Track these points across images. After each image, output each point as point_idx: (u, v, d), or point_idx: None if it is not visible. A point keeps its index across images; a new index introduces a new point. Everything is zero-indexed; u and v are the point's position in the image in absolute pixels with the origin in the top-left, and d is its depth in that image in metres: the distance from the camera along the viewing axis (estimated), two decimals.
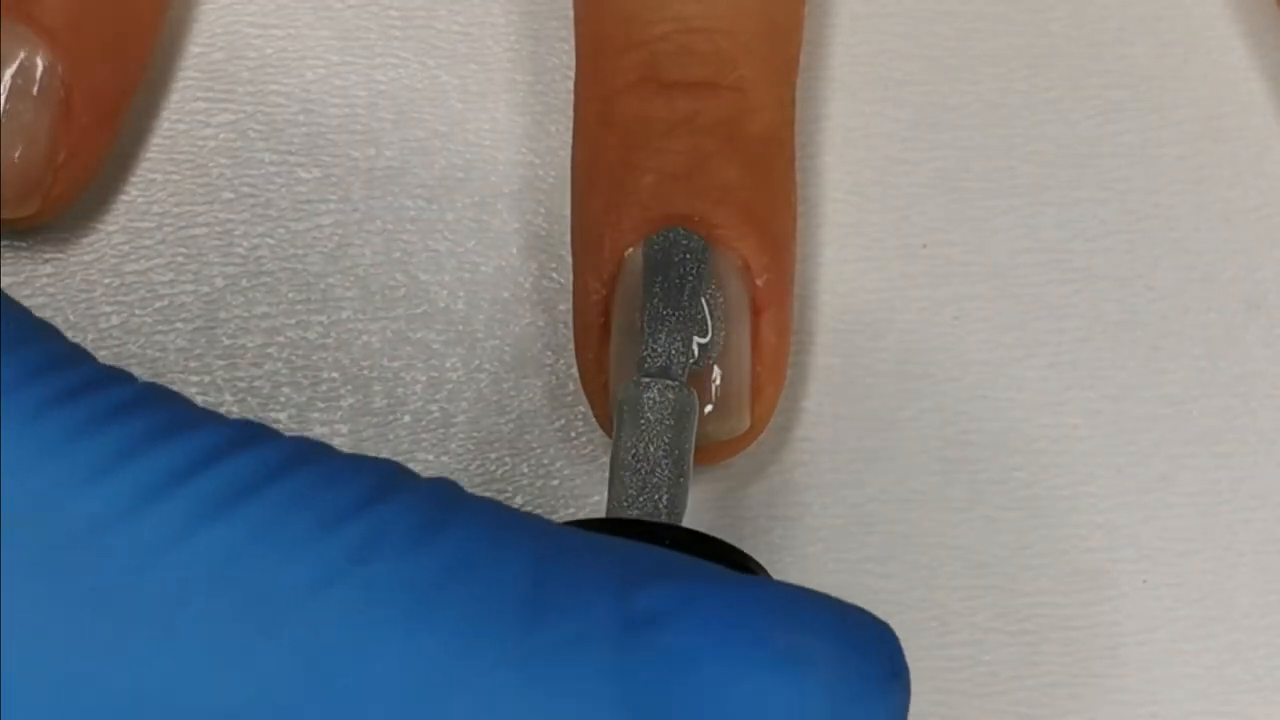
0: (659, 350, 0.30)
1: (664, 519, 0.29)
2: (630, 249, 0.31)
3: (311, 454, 0.23)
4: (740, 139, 0.32)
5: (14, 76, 0.32)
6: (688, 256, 0.31)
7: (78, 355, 0.24)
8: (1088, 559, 0.33)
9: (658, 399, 0.29)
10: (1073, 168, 0.35)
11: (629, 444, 0.29)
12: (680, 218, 0.31)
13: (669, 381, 0.30)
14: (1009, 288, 0.35)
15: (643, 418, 0.29)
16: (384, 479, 0.23)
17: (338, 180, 0.35)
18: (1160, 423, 0.34)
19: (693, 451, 0.30)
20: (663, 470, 0.29)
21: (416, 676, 0.22)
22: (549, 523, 0.24)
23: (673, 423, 0.29)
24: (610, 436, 0.32)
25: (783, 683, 0.22)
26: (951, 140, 0.35)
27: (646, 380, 0.30)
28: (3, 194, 0.32)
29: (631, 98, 0.32)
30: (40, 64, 0.32)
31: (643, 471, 0.29)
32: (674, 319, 0.30)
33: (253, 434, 0.23)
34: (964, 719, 0.33)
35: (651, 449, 0.29)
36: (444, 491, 0.24)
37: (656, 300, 0.31)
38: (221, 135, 0.35)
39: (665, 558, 0.24)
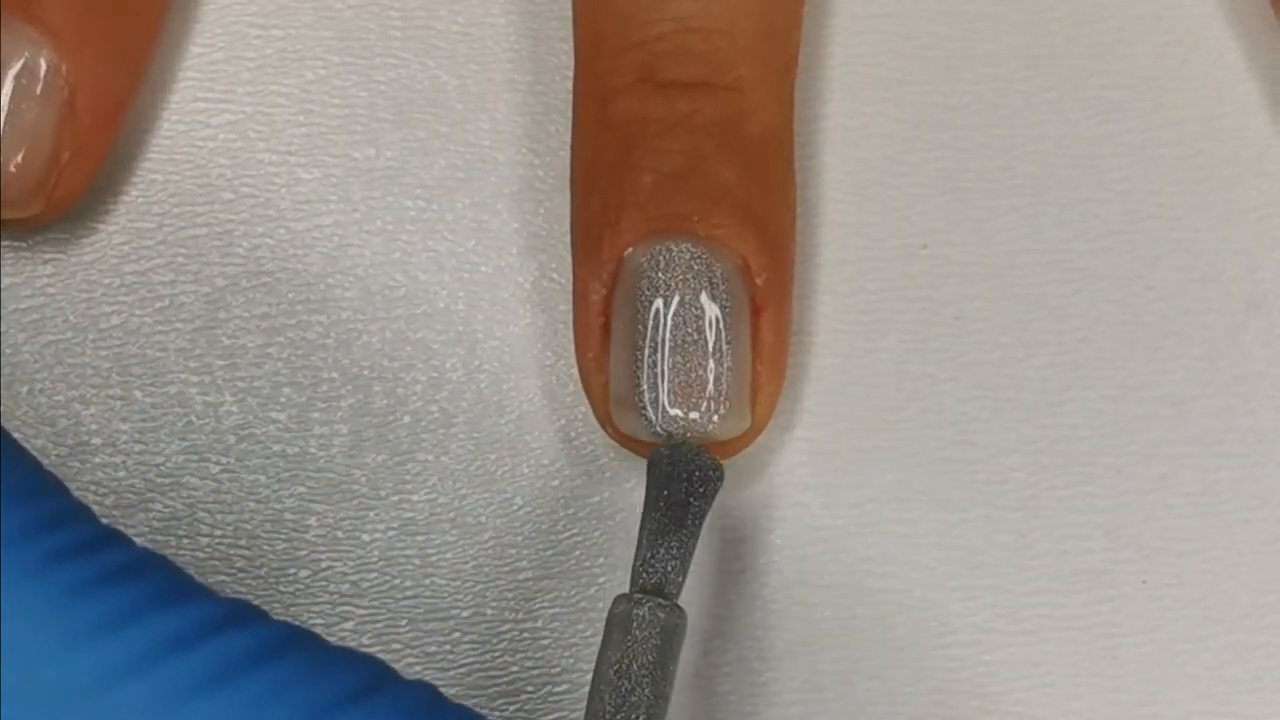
0: (655, 568, 0.30)
1: None
2: (630, 249, 0.31)
3: (300, 641, 0.24)
4: (738, 139, 0.32)
5: (18, 77, 0.32)
6: (697, 475, 0.30)
7: (82, 513, 0.24)
8: (1088, 559, 0.33)
9: (647, 617, 0.29)
10: (1073, 168, 0.35)
11: (613, 658, 0.29)
12: (678, 217, 0.31)
13: (661, 601, 0.29)
14: (1009, 288, 0.35)
15: (630, 634, 0.29)
16: (370, 677, 0.24)
17: (338, 181, 0.35)
18: (1160, 423, 0.34)
19: (676, 672, 0.29)
20: (643, 690, 0.29)
21: None
22: None
23: (659, 643, 0.29)
24: (610, 436, 0.32)
25: None
26: (951, 140, 0.35)
27: (639, 596, 0.29)
28: (7, 195, 0.32)
29: (629, 98, 0.32)
30: (44, 64, 0.32)
31: (623, 690, 0.29)
32: (674, 538, 0.30)
33: (244, 613, 0.23)
34: (964, 719, 0.33)
35: (635, 667, 0.29)
36: (427, 697, 0.24)
37: (660, 515, 0.30)
38: (221, 135, 0.35)
39: None
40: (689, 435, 0.31)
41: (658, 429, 0.31)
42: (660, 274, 0.31)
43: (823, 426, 0.34)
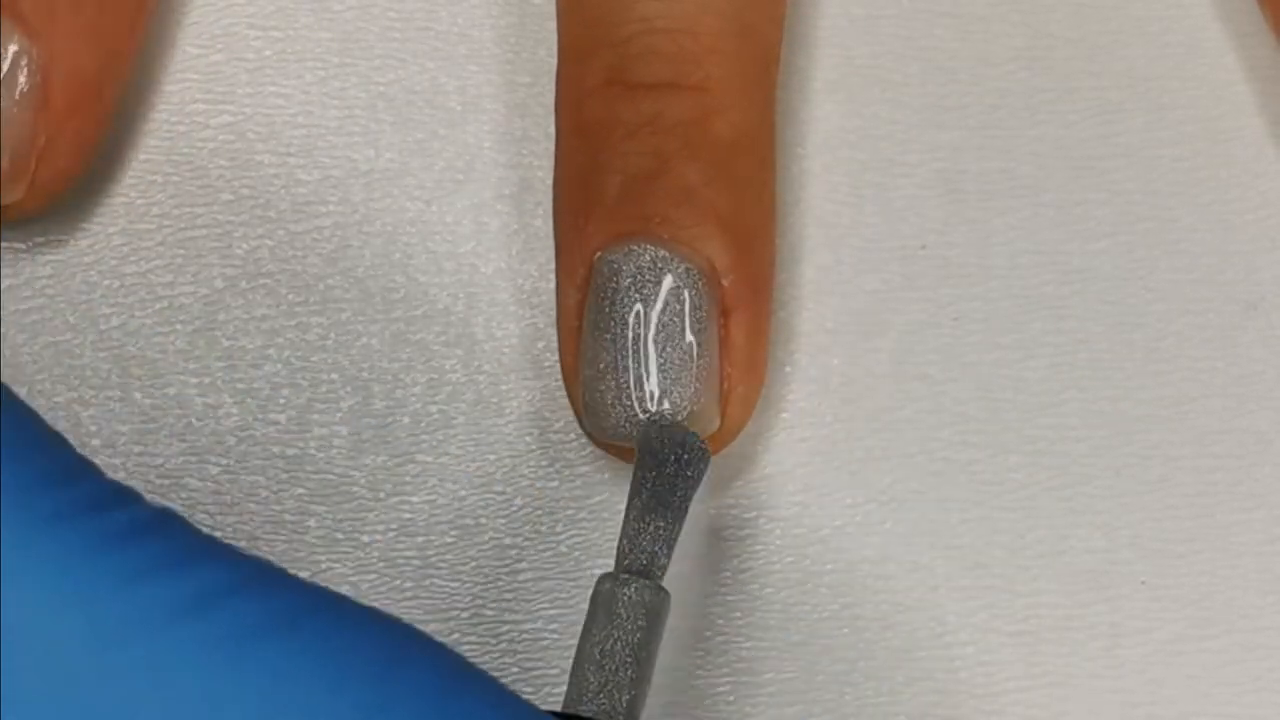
0: (642, 548, 0.30)
1: None
2: (599, 253, 0.31)
3: (325, 604, 0.23)
4: (705, 139, 0.32)
5: None
6: (685, 456, 0.30)
7: (89, 468, 0.23)
8: (1087, 559, 0.33)
9: (633, 598, 0.29)
10: (1071, 169, 0.35)
11: (597, 638, 0.29)
12: (642, 219, 0.31)
13: (646, 582, 0.29)
14: (1008, 289, 0.35)
15: (615, 614, 0.29)
16: (400, 637, 0.23)
17: (337, 182, 0.35)
18: (1158, 424, 0.34)
19: (658, 653, 0.29)
20: (627, 670, 0.29)
21: None
22: (540, 713, 0.24)
23: (644, 623, 0.29)
24: (590, 442, 0.32)
25: None
26: (950, 141, 0.35)
27: (625, 577, 0.29)
28: None
29: (599, 100, 0.32)
30: (14, 49, 0.32)
31: (607, 669, 0.29)
32: (661, 519, 0.30)
33: (267, 573, 0.23)
34: (964, 719, 0.33)
35: (619, 647, 0.29)
36: (454, 665, 0.24)
37: (647, 495, 0.30)
38: (221, 137, 0.35)
39: None
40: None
41: (627, 432, 0.31)
42: (624, 277, 0.31)
43: (822, 426, 0.34)
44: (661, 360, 0.31)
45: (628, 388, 0.31)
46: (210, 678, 0.22)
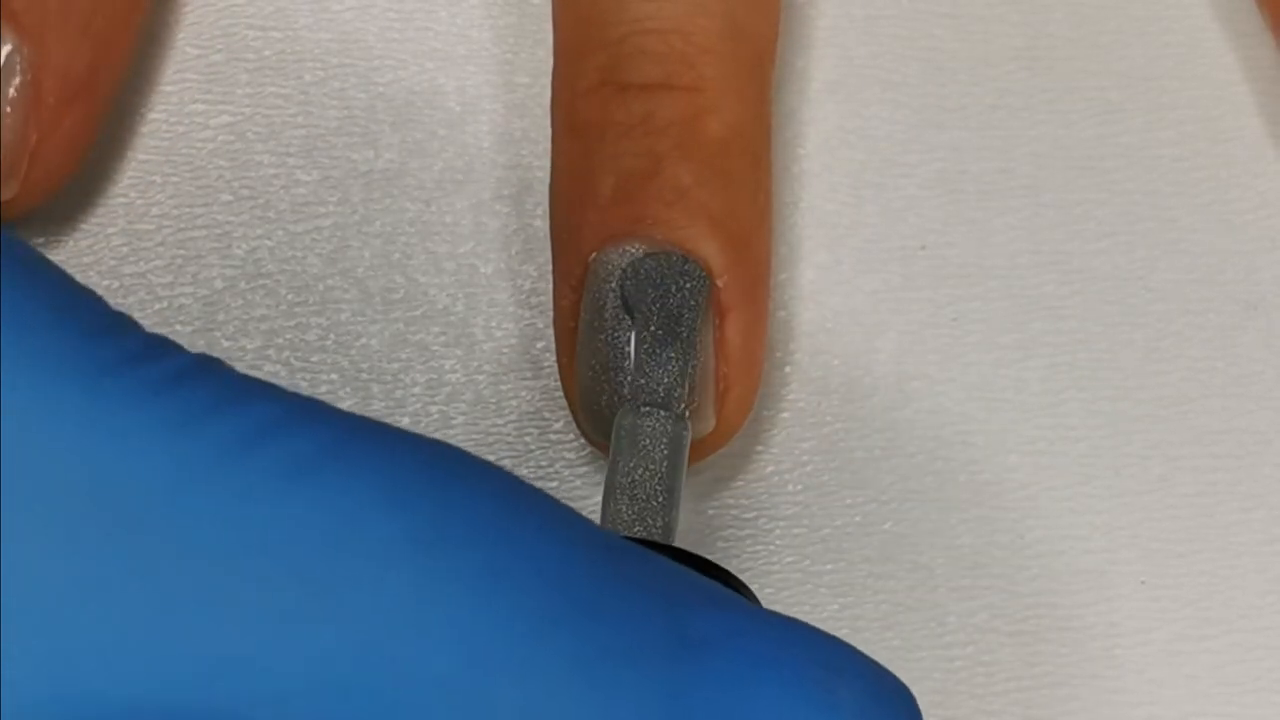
0: (658, 379, 0.30)
1: (660, 541, 0.29)
2: (594, 254, 0.31)
3: (374, 431, 0.23)
4: (697, 139, 0.32)
5: None
6: (686, 284, 0.31)
7: (128, 321, 0.24)
8: (1086, 559, 0.33)
9: (656, 429, 0.30)
10: (1071, 169, 0.35)
11: (625, 469, 0.29)
12: (635, 220, 0.31)
13: (665, 413, 0.30)
14: (1007, 289, 0.35)
15: (640, 445, 0.30)
16: (452, 460, 0.23)
17: (336, 182, 0.35)
18: (1158, 423, 0.34)
19: (684, 479, 0.30)
20: (658, 496, 0.29)
21: (475, 658, 0.22)
22: (596, 526, 0.24)
23: (668, 452, 0.30)
24: (588, 442, 0.32)
25: (816, 718, 0.23)
26: (950, 141, 0.35)
27: (646, 409, 0.30)
28: None
29: (592, 101, 0.32)
30: (6, 48, 0.32)
31: (640, 498, 0.29)
32: (671, 349, 0.30)
33: (315, 408, 0.23)
34: (964, 719, 0.33)
35: (647, 475, 0.29)
36: (508, 482, 0.24)
37: (655, 327, 0.30)
38: (220, 137, 0.35)
39: (707, 586, 0.24)
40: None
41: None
42: (617, 279, 0.31)
43: (822, 426, 0.34)
44: (643, 363, 0.31)
45: (622, 389, 0.31)
46: (269, 509, 0.22)
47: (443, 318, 0.34)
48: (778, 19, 0.34)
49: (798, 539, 0.33)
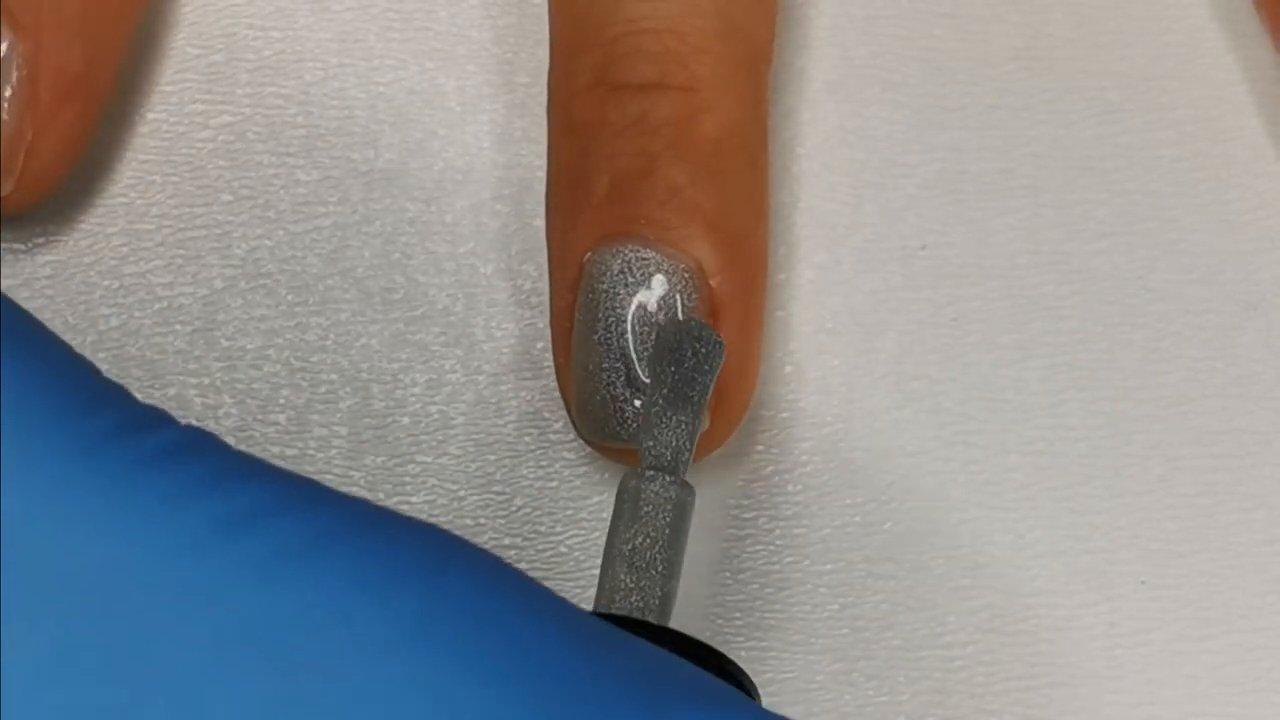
0: (666, 444, 0.30)
1: (655, 618, 0.29)
2: (589, 254, 0.31)
3: (365, 518, 0.23)
4: (691, 139, 0.32)
5: None
6: (703, 350, 0.30)
7: (120, 393, 0.23)
8: (1086, 560, 0.33)
9: (659, 494, 0.29)
10: (1070, 169, 0.35)
11: (626, 536, 0.29)
12: (629, 220, 0.31)
13: (670, 478, 0.29)
14: (1007, 289, 0.35)
15: (641, 512, 0.29)
16: (441, 548, 0.23)
17: (336, 182, 0.35)
18: (1158, 424, 0.34)
19: (686, 548, 0.29)
20: (658, 567, 0.29)
21: None
22: (582, 613, 0.24)
23: (671, 519, 0.29)
24: (584, 442, 0.32)
25: None
26: (949, 142, 0.35)
27: (650, 474, 0.29)
28: None
29: (587, 101, 0.32)
30: (2, 45, 0.32)
31: (639, 567, 0.29)
32: (682, 414, 0.30)
33: (306, 491, 0.23)
34: (963, 719, 0.33)
35: (648, 544, 0.29)
36: (496, 570, 0.23)
37: (668, 391, 0.30)
38: (220, 137, 0.35)
39: (695, 678, 0.24)
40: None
41: (618, 434, 0.31)
42: (611, 279, 0.31)
43: (822, 426, 0.34)
44: (638, 362, 0.31)
45: (618, 389, 0.31)
46: (256, 596, 0.22)
47: (443, 318, 0.34)
48: (774, 19, 0.34)
49: (798, 539, 0.33)
